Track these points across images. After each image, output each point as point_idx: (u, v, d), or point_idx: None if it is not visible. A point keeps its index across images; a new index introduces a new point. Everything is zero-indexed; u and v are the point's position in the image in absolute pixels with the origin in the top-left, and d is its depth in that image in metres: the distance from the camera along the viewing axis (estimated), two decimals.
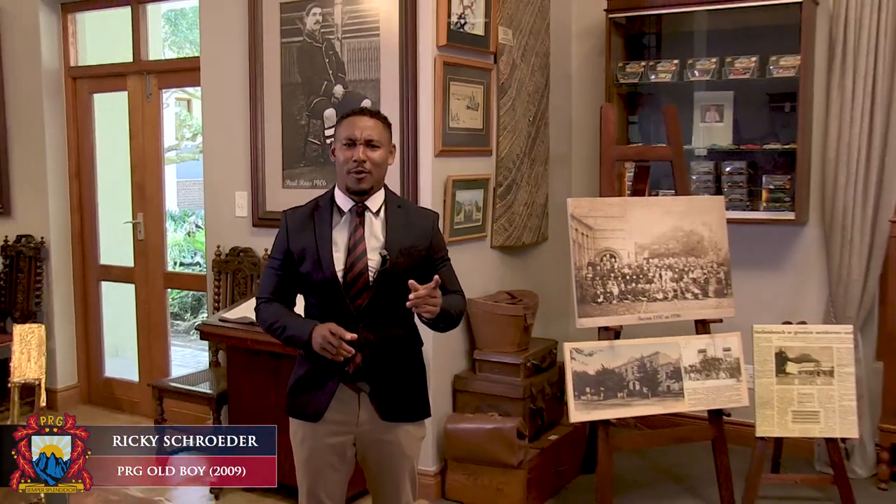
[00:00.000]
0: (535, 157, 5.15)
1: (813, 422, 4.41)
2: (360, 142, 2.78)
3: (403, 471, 2.96)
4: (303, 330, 2.77)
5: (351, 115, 2.86)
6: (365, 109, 2.89)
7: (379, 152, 2.82)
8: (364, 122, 2.81)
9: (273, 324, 2.86)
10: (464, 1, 4.42)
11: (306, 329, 2.76)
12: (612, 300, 4.21)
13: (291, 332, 2.81)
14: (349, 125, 2.81)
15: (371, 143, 2.80)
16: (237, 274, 5.07)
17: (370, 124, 2.81)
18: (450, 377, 4.61)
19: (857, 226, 4.77)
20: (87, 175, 6.15)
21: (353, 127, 2.80)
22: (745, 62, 4.95)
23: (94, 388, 6.28)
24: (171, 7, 6.41)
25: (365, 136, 2.79)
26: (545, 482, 4.51)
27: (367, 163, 2.78)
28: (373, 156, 2.80)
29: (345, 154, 2.80)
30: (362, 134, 2.78)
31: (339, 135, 2.84)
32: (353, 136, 2.79)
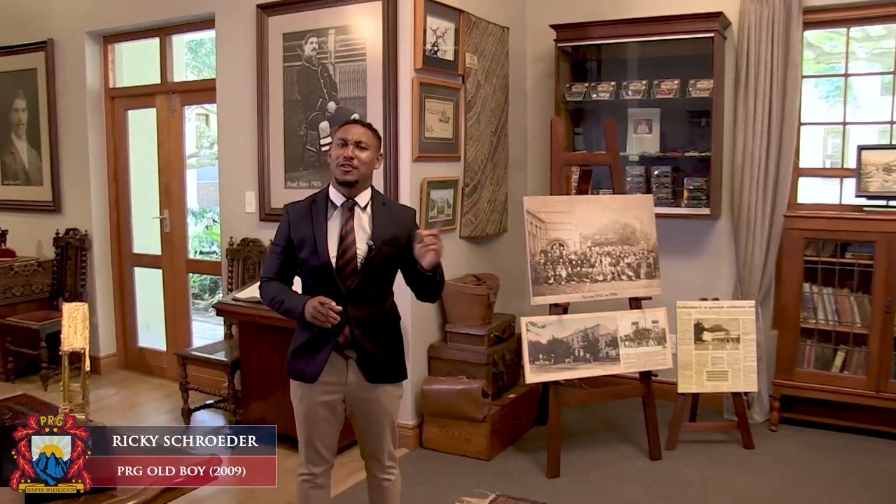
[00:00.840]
0: (496, 162, 5.08)
1: (723, 379, 4.50)
2: (351, 142, 2.74)
3: (385, 423, 2.91)
4: (297, 303, 2.72)
5: (346, 123, 2.84)
6: (358, 120, 2.87)
7: (367, 153, 2.76)
8: (356, 129, 2.78)
9: (273, 298, 2.81)
10: (437, 31, 4.38)
11: (300, 302, 2.71)
12: (560, 281, 4.18)
13: (288, 305, 2.76)
14: (344, 130, 2.79)
15: (360, 144, 2.75)
16: (247, 261, 5.00)
17: (361, 130, 2.78)
18: (425, 346, 4.54)
19: (759, 219, 4.78)
20: (122, 178, 6.04)
21: (346, 131, 2.77)
22: (670, 84, 4.91)
23: (129, 355, 6.18)
24: (192, 38, 6.25)
25: (355, 138, 2.75)
26: (505, 433, 4.45)
27: (355, 160, 2.73)
28: (361, 155, 2.74)
29: (337, 151, 2.76)
30: (353, 136, 2.75)
31: (335, 138, 2.80)
32: (346, 137, 2.75)
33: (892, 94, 4.81)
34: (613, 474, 4.06)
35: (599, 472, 4.08)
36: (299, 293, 2.82)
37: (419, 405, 4.42)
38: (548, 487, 3.91)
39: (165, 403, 5.31)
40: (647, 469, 4.14)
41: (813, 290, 4.62)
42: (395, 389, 2.91)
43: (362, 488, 3.59)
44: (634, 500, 3.76)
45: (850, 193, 4.72)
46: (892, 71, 4.81)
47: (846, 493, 3.83)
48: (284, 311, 2.78)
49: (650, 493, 3.83)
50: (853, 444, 4.45)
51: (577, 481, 3.98)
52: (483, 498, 3.77)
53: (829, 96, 6.92)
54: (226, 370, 4.64)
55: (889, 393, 4.38)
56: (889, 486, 3.90)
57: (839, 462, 4.21)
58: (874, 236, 4.37)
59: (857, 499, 3.78)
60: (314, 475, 2.91)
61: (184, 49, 6.39)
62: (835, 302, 4.60)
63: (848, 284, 4.57)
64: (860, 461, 4.21)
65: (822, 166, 6.54)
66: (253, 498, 3.85)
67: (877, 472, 4.08)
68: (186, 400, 4.86)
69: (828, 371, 4.60)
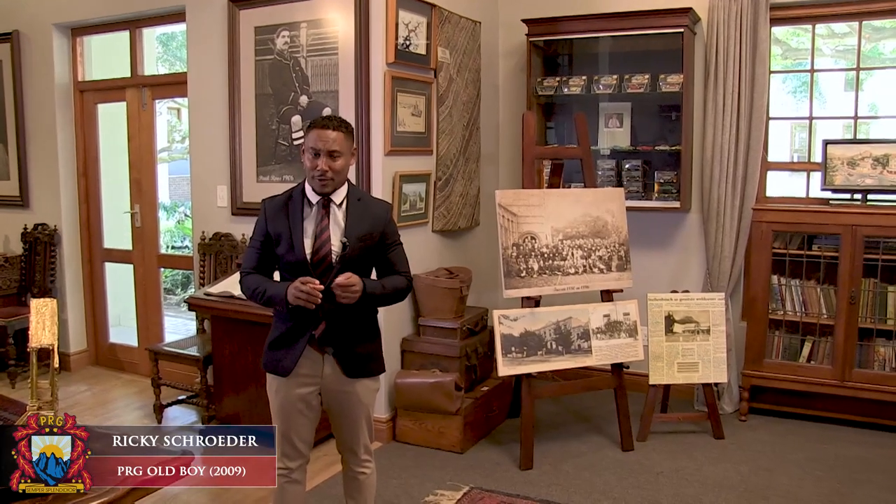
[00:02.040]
0: (468, 156, 5.08)
1: (693, 371, 4.54)
2: (324, 153, 2.68)
3: (361, 417, 2.90)
4: (279, 290, 2.71)
5: (318, 126, 2.72)
6: (330, 121, 2.74)
7: (340, 161, 2.71)
8: (328, 135, 2.68)
9: (255, 289, 2.79)
10: (409, 25, 4.36)
11: (283, 288, 2.69)
12: (532, 274, 4.19)
13: (271, 293, 2.74)
14: (315, 137, 2.69)
15: (333, 154, 2.69)
16: (219, 255, 4.95)
17: (333, 136, 2.69)
18: (398, 340, 4.52)
19: (728, 213, 4.81)
20: (92, 172, 5.95)
21: (318, 139, 2.68)
22: (640, 79, 4.94)
23: (100, 351, 6.10)
24: (163, 31, 6.18)
25: (328, 148, 2.68)
26: (478, 425, 4.45)
27: (329, 171, 2.69)
28: (335, 165, 2.70)
29: (311, 162, 2.71)
30: (325, 146, 2.68)
31: (307, 143, 2.73)
32: (318, 148, 2.68)
33: (856, 90, 4.89)
34: (586, 465, 4.09)
35: (572, 464, 4.10)
36: (281, 282, 2.80)
37: (392, 399, 4.41)
38: (521, 479, 3.92)
39: (137, 399, 5.26)
40: (619, 460, 4.16)
41: (781, 281, 4.68)
42: (371, 383, 2.91)
43: (338, 482, 3.58)
44: (607, 490, 3.79)
45: (816, 187, 4.78)
46: (855, 67, 4.88)
47: (813, 480, 3.89)
48: (267, 300, 2.76)
49: (622, 484, 3.86)
50: (819, 432, 4.52)
51: (550, 473, 4.00)
52: (457, 490, 3.77)
53: (796, 91, 7.00)
54: (198, 365, 4.59)
55: (853, 382, 4.46)
56: (853, 473, 3.97)
57: (806, 450, 4.27)
58: (839, 229, 4.43)
59: (823, 485, 3.84)
60: (290, 469, 2.88)
61: (155, 42, 6.31)
62: (802, 293, 4.66)
63: (814, 276, 4.64)
64: (826, 449, 4.28)
65: (790, 160, 6.61)
66: (227, 493, 3.82)
67: (842, 459, 4.14)
68: (158, 396, 4.81)
69: (795, 361, 4.66)
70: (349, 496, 3.02)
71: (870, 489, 3.80)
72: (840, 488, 3.80)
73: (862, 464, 4.09)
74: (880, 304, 4.47)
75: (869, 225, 4.37)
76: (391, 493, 3.74)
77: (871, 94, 6.13)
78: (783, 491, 3.78)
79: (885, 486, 3.83)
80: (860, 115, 4.96)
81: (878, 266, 4.43)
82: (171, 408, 4.94)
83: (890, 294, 4.46)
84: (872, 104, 6.12)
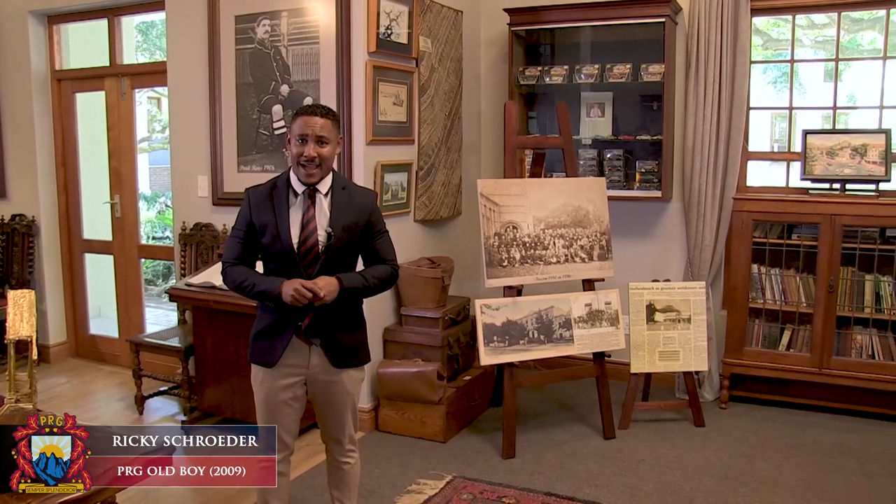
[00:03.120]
0: (450, 146, 5.07)
1: (674, 359, 4.56)
2: (312, 139, 2.66)
3: (346, 407, 2.90)
4: (272, 286, 2.68)
5: (305, 113, 2.71)
6: (317, 109, 2.73)
7: (328, 147, 2.70)
8: (315, 122, 2.67)
9: (242, 282, 2.74)
10: (390, 14, 4.33)
11: (274, 284, 2.67)
12: (514, 264, 4.19)
13: (262, 288, 2.70)
14: (303, 123, 2.68)
15: (321, 140, 2.68)
16: (200, 245, 4.92)
17: (321, 123, 2.68)
18: (381, 330, 4.51)
19: (709, 202, 4.83)
20: (71, 162, 5.88)
21: (305, 125, 2.67)
22: (622, 68, 4.94)
23: (80, 343, 6.05)
24: (142, 19, 6.12)
25: (316, 133, 2.67)
26: (461, 415, 4.47)
27: (317, 158, 2.67)
28: (322, 151, 2.68)
29: (297, 149, 2.68)
30: (313, 132, 2.66)
31: (294, 130, 2.71)
32: (305, 133, 2.66)
33: (835, 80, 4.92)
34: (568, 454, 4.11)
35: (554, 452, 4.12)
36: (272, 276, 2.78)
37: (375, 388, 4.40)
38: (503, 468, 3.94)
39: (118, 391, 5.22)
40: (601, 448, 4.19)
41: (761, 270, 4.72)
42: (357, 373, 2.91)
43: (321, 471, 3.58)
44: (589, 478, 3.81)
45: (796, 176, 4.81)
46: (834, 58, 4.91)
47: (792, 466, 3.94)
48: (257, 294, 2.73)
49: (604, 472, 3.88)
50: (798, 419, 4.57)
51: (533, 461, 4.02)
52: (439, 480, 3.78)
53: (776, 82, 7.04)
54: (180, 356, 4.56)
55: (832, 369, 4.50)
56: (831, 458, 4.03)
57: (785, 436, 4.32)
58: (818, 218, 4.47)
59: (801, 470, 3.88)
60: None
61: (133, 31, 6.25)
62: (781, 282, 4.70)
63: (794, 265, 4.68)
64: (804, 435, 4.33)
65: (770, 150, 6.66)
66: (209, 487, 3.80)
67: (820, 445, 4.19)
68: (140, 387, 4.78)
69: (775, 349, 4.70)
70: (333, 486, 3.02)
71: (846, 473, 3.85)
72: (817, 473, 3.84)
73: (839, 449, 4.14)
74: (858, 293, 4.52)
75: (847, 214, 4.41)
76: (374, 483, 3.74)
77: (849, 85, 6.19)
78: (762, 477, 3.82)
79: (861, 470, 3.89)
80: (839, 105, 5.00)
81: (855, 255, 4.47)
82: (153, 399, 4.91)
83: (867, 282, 4.50)
84: (851, 95, 6.17)
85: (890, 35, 4.68)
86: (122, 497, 2.88)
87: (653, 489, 3.69)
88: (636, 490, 3.68)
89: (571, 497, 3.59)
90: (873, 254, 4.46)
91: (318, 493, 3.60)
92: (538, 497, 3.59)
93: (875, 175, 4.51)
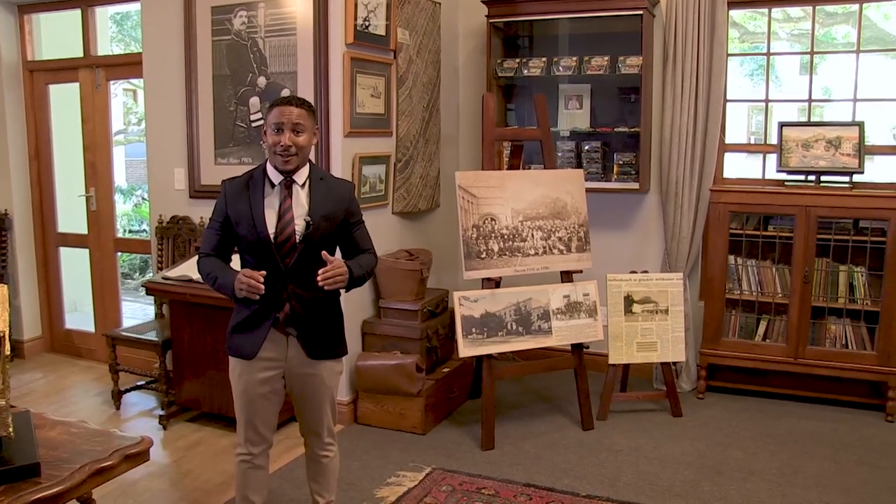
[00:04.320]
0: (428, 138, 5.06)
1: (652, 350, 4.59)
2: (288, 127, 2.66)
3: (325, 399, 2.90)
4: (228, 280, 2.68)
5: (280, 103, 2.71)
6: (293, 99, 2.73)
7: (304, 136, 2.70)
8: (291, 111, 2.68)
9: (209, 274, 2.76)
10: (368, 6, 4.31)
11: (230, 278, 2.67)
12: (493, 256, 4.19)
13: (221, 281, 2.71)
14: (278, 112, 2.68)
15: (297, 128, 2.68)
16: (177, 239, 4.88)
17: (296, 112, 2.69)
18: (359, 322, 4.51)
19: (686, 193, 4.86)
20: (44, 155, 5.81)
21: (281, 114, 2.67)
22: (600, 61, 4.95)
23: (55, 338, 5.99)
24: (116, 10, 6.05)
25: (292, 121, 2.67)
26: (440, 407, 4.47)
27: (293, 147, 2.68)
28: (298, 140, 2.68)
29: (273, 138, 2.68)
30: (289, 120, 2.66)
31: (270, 120, 2.71)
32: (281, 122, 2.67)
33: (810, 73, 4.97)
34: (547, 445, 4.13)
35: (533, 443, 4.15)
36: (232, 269, 2.77)
37: (353, 381, 4.40)
38: (483, 459, 3.96)
39: (95, 386, 5.18)
40: (579, 439, 4.22)
41: (737, 261, 4.76)
42: (335, 365, 2.90)
43: (300, 464, 3.58)
44: (568, 469, 3.84)
45: (772, 168, 4.85)
46: (809, 51, 4.96)
47: (768, 454, 3.99)
48: (217, 287, 2.74)
49: (583, 463, 3.91)
50: (774, 408, 4.63)
51: (512, 453, 4.03)
52: (419, 472, 3.79)
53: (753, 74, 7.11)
54: (157, 350, 4.52)
55: (807, 359, 4.56)
56: (805, 447, 4.08)
57: (761, 426, 4.37)
58: (794, 210, 4.52)
59: (776, 458, 3.93)
60: (253, 455, 2.87)
61: (108, 21, 6.17)
62: (758, 273, 4.75)
63: (770, 256, 4.73)
64: (779, 424, 4.39)
65: (747, 142, 6.72)
66: (188, 478, 3.80)
67: (794, 434, 4.25)
68: (117, 382, 4.74)
69: (751, 340, 4.75)
70: (312, 479, 3.02)
71: (819, 461, 3.91)
72: (791, 461, 3.90)
73: (813, 438, 4.20)
74: (832, 283, 4.58)
75: (822, 206, 4.46)
76: (353, 476, 3.74)
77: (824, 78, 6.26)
78: (738, 465, 3.87)
79: (834, 458, 3.95)
80: (814, 98, 5.04)
81: (830, 246, 4.53)
82: (130, 394, 4.88)
83: (841, 273, 4.56)
84: (826, 88, 6.25)
85: (863, 29, 4.73)
86: (100, 493, 2.86)
87: (631, 479, 3.73)
88: (615, 480, 3.71)
89: (550, 488, 3.61)
90: (847, 245, 4.52)
91: (297, 486, 3.60)
92: (517, 488, 3.61)
93: (849, 167, 4.57)
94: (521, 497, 3.52)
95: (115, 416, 4.69)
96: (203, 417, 4.53)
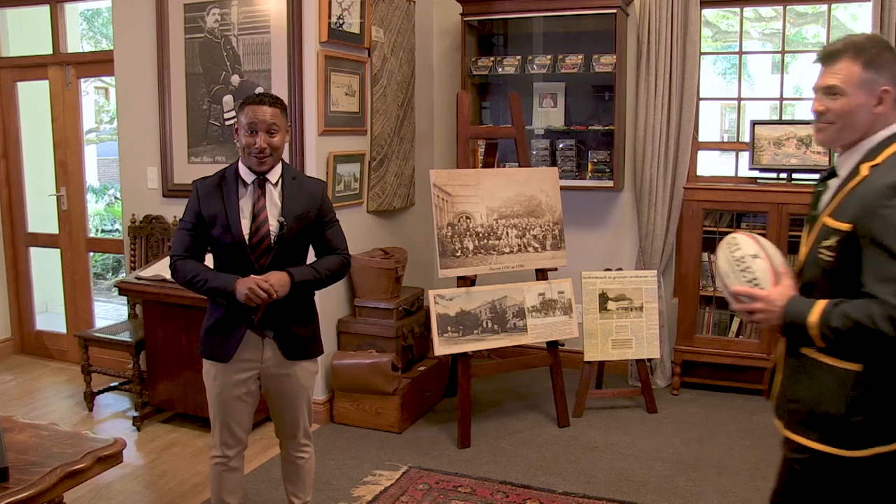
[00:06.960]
0: (403, 136, 5.05)
1: (627, 347, 4.62)
2: (262, 128, 2.64)
3: (301, 399, 2.89)
4: (226, 283, 2.64)
5: (253, 102, 2.68)
6: (265, 97, 2.70)
7: (277, 137, 2.69)
8: (264, 111, 2.65)
9: (194, 277, 2.70)
10: (342, 4, 4.30)
11: (228, 281, 2.64)
12: (467, 254, 4.19)
13: (215, 285, 2.67)
14: (251, 113, 2.65)
15: (271, 129, 2.66)
16: (150, 238, 4.84)
17: (270, 112, 2.66)
18: (334, 321, 4.49)
19: (660, 191, 4.90)
20: (13, 154, 5.72)
21: (254, 115, 2.64)
22: (574, 59, 4.97)
23: (26, 339, 5.91)
24: (87, 6, 5.97)
25: (266, 122, 2.65)
26: (416, 405, 4.47)
27: (268, 148, 2.66)
28: (272, 141, 2.67)
29: (247, 139, 2.66)
30: (264, 121, 2.64)
31: (242, 120, 2.68)
32: (255, 122, 2.64)
33: (781, 72, 5.03)
34: (523, 442, 4.15)
35: (509, 441, 4.16)
36: (223, 273, 2.74)
37: (329, 380, 4.39)
38: (459, 457, 3.96)
39: (67, 388, 5.12)
40: (555, 436, 4.24)
41: (711, 259, 4.80)
42: (311, 365, 2.89)
43: (275, 465, 3.57)
44: (544, 466, 3.85)
45: (745, 166, 4.90)
46: (780, 51, 5.02)
47: (742, 449, 4.03)
48: (209, 290, 2.69)
49: (559, 459, 3.93)
50: (748, 403, 4.67)
51: (488, 450, 4.04)
52: (395, 470, 3.79)
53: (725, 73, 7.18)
54: (130, 351, 4.47)
55: None
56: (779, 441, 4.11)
57: (735, 421, 4.41)
58: (766, 207, 4.57)
59: (750, 453, 3.98)
60: (228, 458, 2.85)
61: (78, 18, 6.09)
62: None
63: None
64: (754, 419, 4.43)
65: (720, 140, 6.79)
66: (163, 479, 3.77)
67: (769, 429, 4.27)
68: (89, 383, 4.69)
69: (725, 336, 4.80)
70: (288, 480, 3.01)
71: None
72: (766, 456, 3.93)
73: None
74: None
75: (794, 203, 4.51)
76: (329, 475, 3.73)
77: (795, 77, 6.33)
78: (713, 461, 3.91)
79: None
80: (785, 96, 5.10)
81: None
82: (103, 395, 4.83)
83: None
84: (797, 86, 6.32)
85: (832, 29, 4.80)
86: (72, 496, 2.83)
87: (606, 475, 3.75)
88: (590, 477, 3.74)
89: (526, 485, 3.62)
90: None
91: (273, 486, 3.59)
92: (493, 485, 3.62)
93: (819, 165, 4.62)
94: (497, 495, 3.53)
95: (88, 417, 4.64)
96: (177, 418, 4.49)
